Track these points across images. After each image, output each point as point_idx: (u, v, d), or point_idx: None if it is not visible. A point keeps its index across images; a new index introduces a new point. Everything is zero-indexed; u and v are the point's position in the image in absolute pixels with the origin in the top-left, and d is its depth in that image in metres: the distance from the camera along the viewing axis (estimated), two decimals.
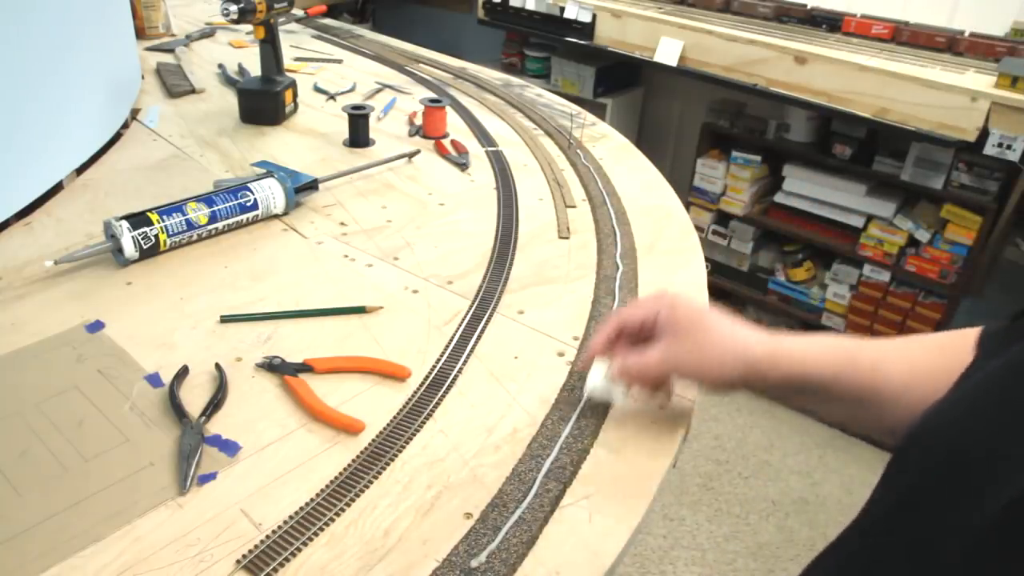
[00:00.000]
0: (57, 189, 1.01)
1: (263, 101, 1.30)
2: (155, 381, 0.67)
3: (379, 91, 1.53)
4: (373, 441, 0.62)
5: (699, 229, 2.14)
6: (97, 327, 0.74)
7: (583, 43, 2.37)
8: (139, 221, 0.85)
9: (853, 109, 1.90)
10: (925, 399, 0.51)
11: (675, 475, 2.15)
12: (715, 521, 2.01)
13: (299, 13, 2.07)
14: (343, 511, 0.56)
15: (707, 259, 1.70)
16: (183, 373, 0.68)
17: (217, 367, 0.69)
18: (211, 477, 0.58)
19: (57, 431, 0.61)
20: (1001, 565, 0.37)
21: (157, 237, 0.86)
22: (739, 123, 2.37)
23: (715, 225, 2.53)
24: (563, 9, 2.37)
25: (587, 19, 2.32)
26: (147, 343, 0.72)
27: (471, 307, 0.82)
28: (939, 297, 2.14)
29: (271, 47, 1.28)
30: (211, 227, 0.91)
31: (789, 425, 2.32)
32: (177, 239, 0.88)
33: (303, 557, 0.52)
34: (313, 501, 0.56)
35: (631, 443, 0.64)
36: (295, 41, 1.86)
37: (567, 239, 0.99)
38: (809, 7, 2.23)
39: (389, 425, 0.64)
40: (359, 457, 0.60)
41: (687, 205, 2.42)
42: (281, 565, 0.51)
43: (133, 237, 0.83)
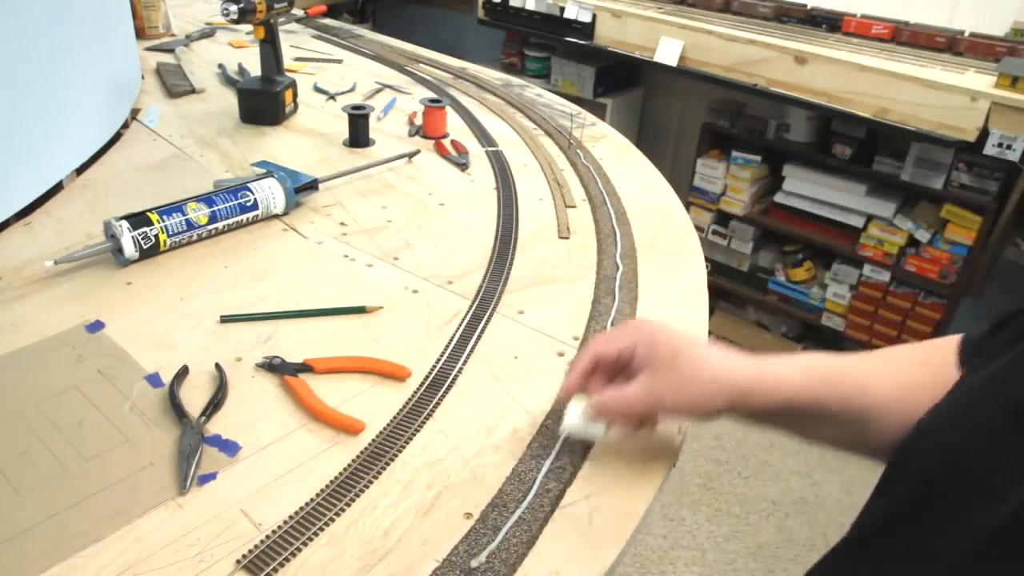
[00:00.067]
0: (57, 189, 1.01)
1: (263, 101, 1.30)
2: (155, 381, 0.67)
3: (379, 91, 1.53)
4: (373, 441, 0.62)
5: (699, 229, 2.14)
6: (97, 327, 0.74)
7: (583, 43, 2.37)
8: (139, 221, 0.85)
9: (853, 109, 1.90)
10: (911, 415, 0.51)
11: (675, 475, 2.14)
12: (715, 521, 2.01)
13: (299, 13, 2.07)
14: (343, 511, 0.56)
15: (707, 259, 1.70)
16: (183, 373, 0.68)
17: (217, 367, 0.69)
18: (211, 477, 0.58)
19: (57, 431, 0.61)
20: (1007, 571, 0.37)
21: (157, 237, 0.86)
22: (739, 123, 2.37)
23: (715, 225, 2.53)
24: (563, 9, 2.37)
25: (587, 19, 2.32)
26: (147, 343, 0.72)
27: (471, 307, 0.82)
28: (939, 297, 2.14)
29: (271, 47, 1.28)
30: (211, 227, 0.91)
31: None
32: (177, 239, 0.88)
33: (303, 557, 0.52)
34: (313, 501, 0.56)
35: (631, 443, 0.64)
36: (295, 41, 1.86)
37: (567, 239, 0.99)
38: (809, 7, 2.23)
39: (389, 425, 0.64)
40: (359, 457, 0.60)
41: (687, 205, 2.42)
42: (281, 565, 0.51)
43: (133, 237, 0.83)
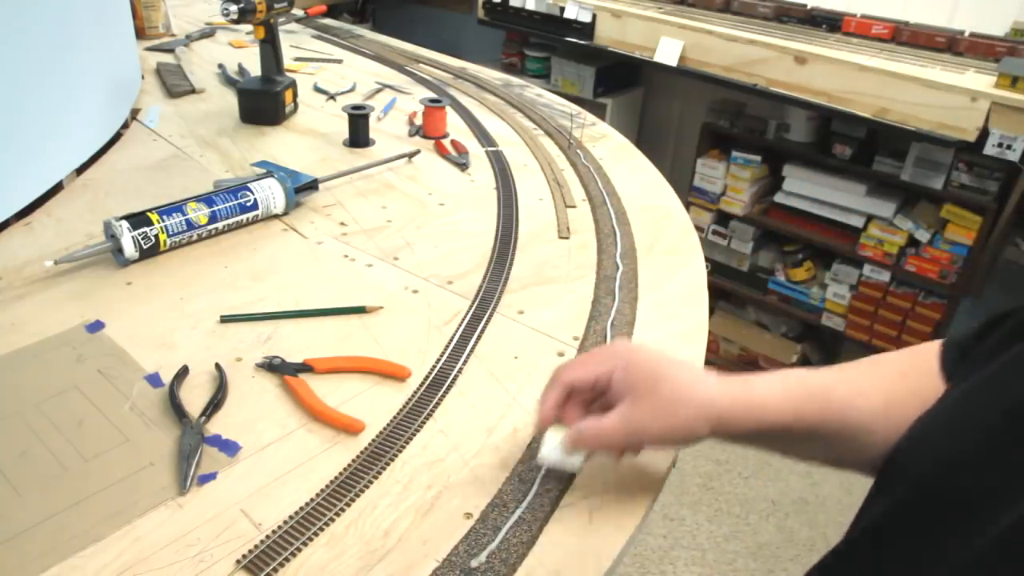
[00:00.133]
0: (57, 189, 1.02)
1: (263, 101, 1.30)
2: (155, 381, 0.67)
3: (379, 91, 1.53)
4: (373, 441, 0.62)
5: (699, 229, 2.14)
6: (97, 327, 0.74)
7: (583, 43, 2.37)
8: (139, 221, 0.85)
9: (853, 109, 1.90)
10: (897, 428, 0.51)
11: (675, 475, 2.14)
12: (715, 521, 2.01)
13: (299, 13, 2.07)
14: (343, 511, 0.56)
15: (707, 259, 1.70)
16: (183, 373, 0.68)
17: (217, 367, 0.69)
18: (211, 477, 0.58)
19: (57, 431, 0.61)
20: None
21: (157, 237, 0.86)
22: (739, 123, 2.37)
23: (715, 225, 2.53)
24: (563, 9, 2.37)
25: (587, 19, 2.32)
26: (147, 343, 0.72)
27: (471, 307, 0.82)
28: (939, 297, 2.14)
29: (271, 47, 1.28)
30: (211, 227, 0.91)
31: None
32: (177, 239, 0.88)
33: (303, 557, 0.52)
34: (313, 501, 0.56)
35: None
36: (295, 41, 1.86)
37: (567, 239, 0.99)
38: (809, 7, 2.23)
39: (389, 425, 0.64)
40: (359, 457, 0.60)
41: (687, 205, 2.42)
42: (281, 565, 0.51)
43: (133, 237, 0.83)
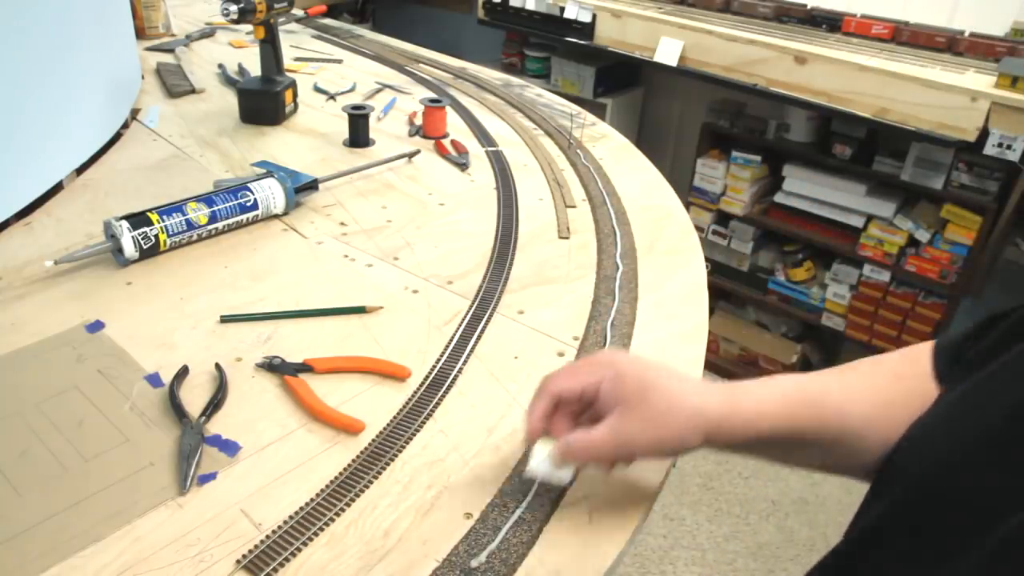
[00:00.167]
0: (57, 189, 1.01)
1: (263, 101, 1.30)
2: (155, 381, 0.67)
3: (379, 91, 1.53)
4: (373, 441, 0.62)
5: (699, 229, 2.14)
6: (97, 327, 0.74)
7: (583, 43, 2.37)
8: (139, 221, 0.85)
9: (853, 109, 1.90)
10: (891, 433, 0.51)
11: (675, 475, 2.14)
12: (715, 521, 2.01)
13: (299, 13, 2.07)
14: (343, 511, 0.56)
15: (707, 259, 1.70)
16: (183, 373, 0.68)
17: (217, 367, 0.69)
18: (211, 477, 0.58)
19: (57, 431, 0.61)
20: None
21: (157, 237, 0.86)
22: (739, 123, 2.37)
23: (715, 225, 2.53)
24: (563, 9, 2.37)
25: (587, 19, 2.32)
26: (147, 343, 0.72)
27: (471, 307, 0.82)
28: (939, 297, 2.14)
29: (271, 47, 1.28)
30: (211, 227, 0.91)
31: None
32: (177, 239, 0.88)
33: (303, 557, 0.52)
34: (313, 501, 0.56)
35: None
36: (295, 41, 1.86)
37: (567, 239, 0.99)
38: (809, 7, 2.23)
39: (389, 425, 0.64)
40: (359, 457, 0.60)
41: (687, 205, 2.42)
42: (281, 565, 0.51)
43: (133, 237, 0.83)
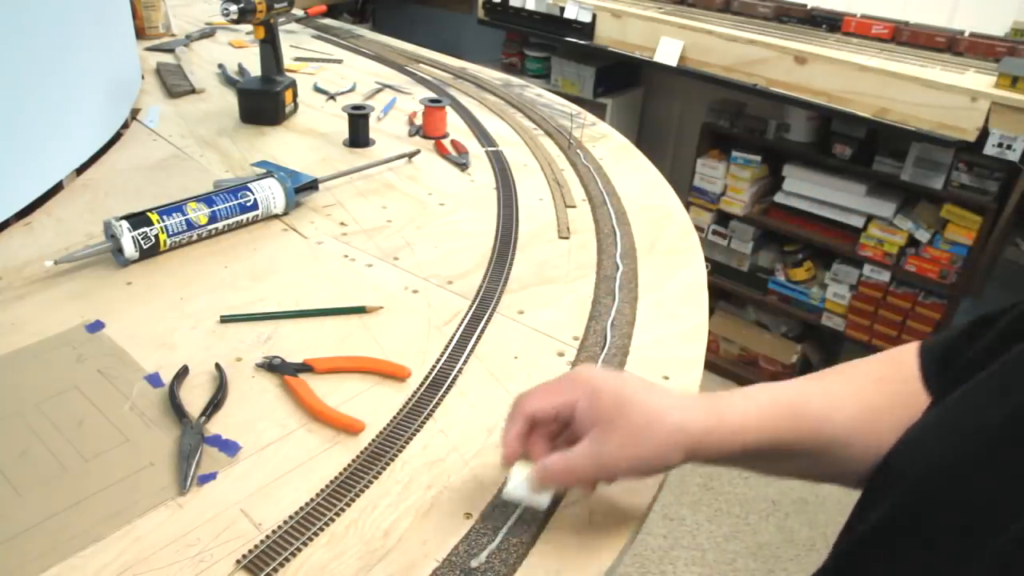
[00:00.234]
0: (57, 189, 1.01)
1: (263, 101, 1.30)
2: (155, 381, 0.67)
3: (379, 91, 1.53)
4: (373, 441, 0.62)
5: (699, 229, 2.14)
6: (97, 327, 0.74)
7: (583, 43, 2.37)
8: (139, 221, 0.85)
9: (853, 109, 1.90)
10: (877, 438, 0.51)
11: (675, 475, 2.14)
12: (715, 521, 2.01)
13: (299, 13, 2.07)
14: (343, 511, 0.56)
15: (707, 259, 1.70)
16: (183, 373, 0.68)
17: (217, 367, 0.69)
18: (211, 477, 0.58)
19: (57, 431, 0.61)
20: None
21: (157, 237, 0.86)
22: (739, 123, 2.37)
23: (715, 225, 2.53)
24: (563, 9, 2.37)
25: (587, 19, 2.32)
26: (147, 343, 0.72)
27: (471, 307, 0.82)
28: (939, 297, 2.14)
29: (271, 47, 1.28)
30: (211, 227, 0.91)
31: None
32: (177, 239, 0.88)
33: (303, 557, 0.52)
34: (313, 501, 0.56)
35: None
36: (295, 41, 1.86)
37: (567, 239, 0.99)
38: (809, 7, 2.23)
39: (389, 425, 0.64)
40: (359, 457, 0.60)
41: (687, 205, 2.42)
42: (281, 565, 0.51)
43: (133, 237, 0.83)
